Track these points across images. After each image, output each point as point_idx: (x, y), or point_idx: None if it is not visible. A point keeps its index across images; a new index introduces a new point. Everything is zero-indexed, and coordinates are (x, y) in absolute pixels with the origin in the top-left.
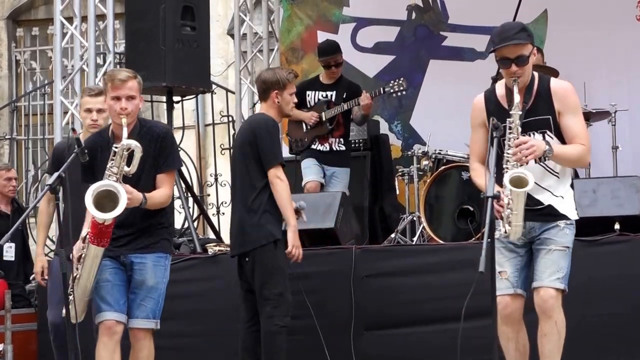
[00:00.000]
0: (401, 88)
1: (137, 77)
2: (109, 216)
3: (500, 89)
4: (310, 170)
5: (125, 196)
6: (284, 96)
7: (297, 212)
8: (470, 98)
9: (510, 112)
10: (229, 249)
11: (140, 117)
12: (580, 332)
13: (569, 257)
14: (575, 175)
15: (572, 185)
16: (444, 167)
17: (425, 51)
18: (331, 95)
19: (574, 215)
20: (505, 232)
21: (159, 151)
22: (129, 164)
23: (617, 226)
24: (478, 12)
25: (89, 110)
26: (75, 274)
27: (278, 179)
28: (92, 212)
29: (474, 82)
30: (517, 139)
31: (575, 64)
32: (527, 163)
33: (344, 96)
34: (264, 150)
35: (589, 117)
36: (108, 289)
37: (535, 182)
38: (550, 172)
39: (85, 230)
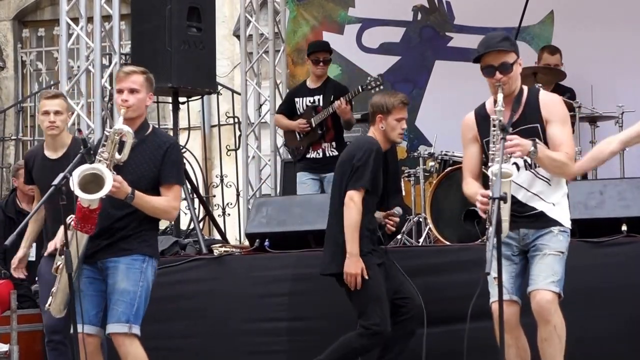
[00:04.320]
0: (378, 83)
1: (145, 73)
2: (93, 197)
3: (489, 104)
4: (305, 187)
5: (111, 179)
6: (388, 121)
7: (391, 216)
8: (475, 99)
9: (495, 110)
10: (234, 249)
11: (154, 126)
12: (586, 334)
13: (564, 262)
14: (583, 177)
15: (567, 196)
16: (450, 168)
17: (430, 52)
18: (318, 100)
19: (567, 223)
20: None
21: (162, 160)
22: (120, 151)
23: (624, 227)
24: (484, 13)
25: (47, 113)
26: (58, 264)
27: (351, 201)
28: (77, 193)
29: (479, 83)
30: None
31: (582, 65)
32: (510, 157)
33: (332, 99)
34: (353, 172)
35: (596, 119)
36: (79, 300)
37: (526, 189)
38: (541, 179)
39: (71, 216)
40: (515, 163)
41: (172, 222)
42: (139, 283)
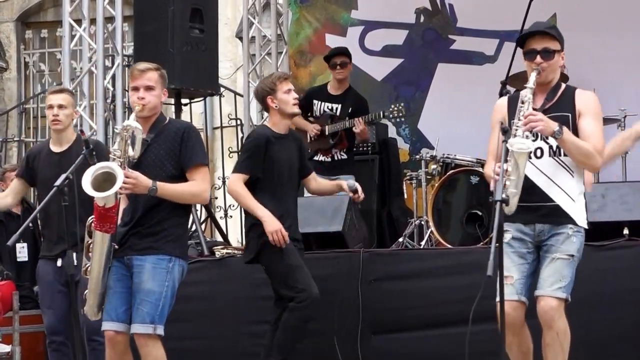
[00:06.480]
0: (400, 114)
1: (159, 69)
2: (103, 195)
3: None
4: None
5: (122, 175)
6: (278, 97)
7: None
8: (478, 102)
9: (525, 86)
10: (236, 251)
11: (170, 117)
12: (588, 338)
13: (574, 265)
14: None
15: (584, 195)
16: (452, 171)
17: (433, 54)
18: (336, 109)
19: (583, 222)
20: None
21: (180, 145)
22: (133, 148)
23: (625, 231)
24: (487, 16)
25: (51, 107)
26: (86, 266)
27: (230, 183)
28: (88, 191)
29: (482, 86)
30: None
31: (584, 69)
32: (532, 132)
33: (350, 111)
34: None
35: None
36: (108, 297)
37: (547, 176)
38: (565, 168)
39: (90, 218)
40: (540, 148)
41: None
42: (165, 283)
